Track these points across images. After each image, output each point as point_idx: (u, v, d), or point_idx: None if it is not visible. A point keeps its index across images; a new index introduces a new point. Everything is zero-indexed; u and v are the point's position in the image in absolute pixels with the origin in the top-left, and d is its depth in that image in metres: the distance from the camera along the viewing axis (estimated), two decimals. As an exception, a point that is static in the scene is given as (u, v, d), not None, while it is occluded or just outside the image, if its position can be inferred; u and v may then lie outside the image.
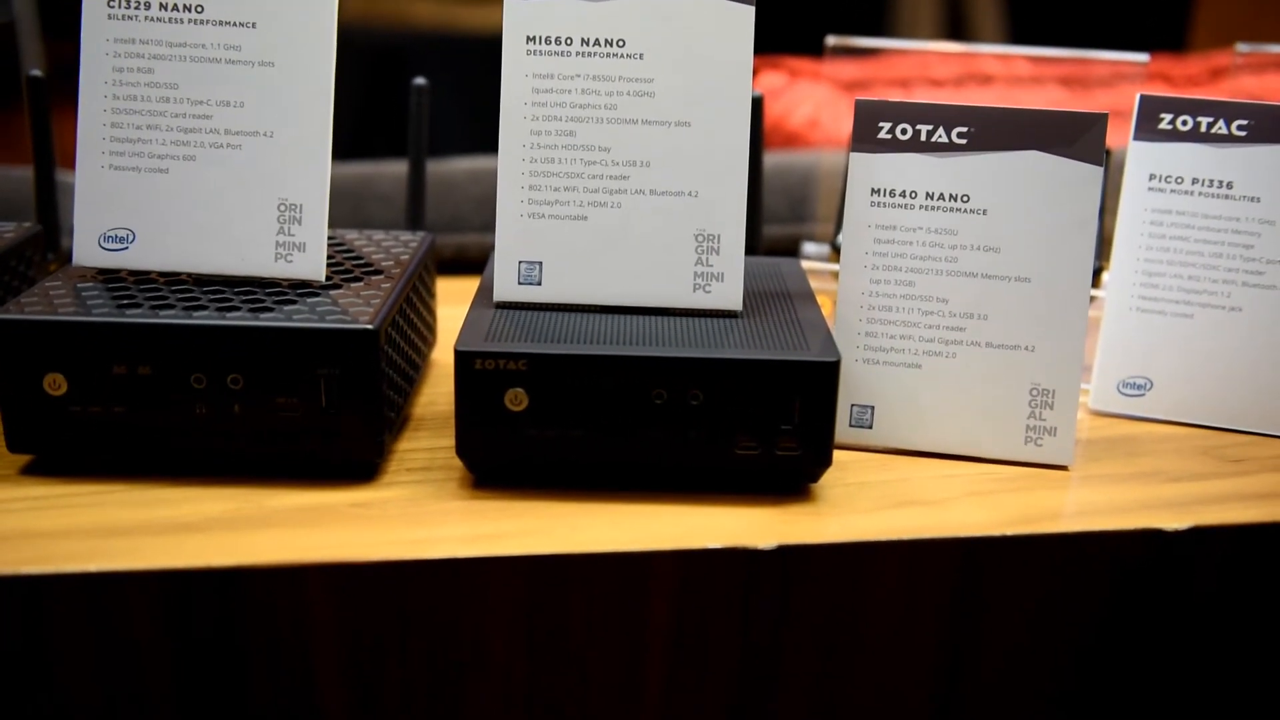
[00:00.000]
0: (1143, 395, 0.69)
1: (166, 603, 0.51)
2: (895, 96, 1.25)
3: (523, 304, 0.62)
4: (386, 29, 2.50)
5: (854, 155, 0.62)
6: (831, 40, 0.96)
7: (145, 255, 0.61)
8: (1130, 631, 0.58)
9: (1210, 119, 0.67)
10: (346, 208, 1.04)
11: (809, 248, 0.92)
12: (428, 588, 0.52)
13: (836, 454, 0.59)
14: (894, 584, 0.55)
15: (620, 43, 0.61)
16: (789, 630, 0.55)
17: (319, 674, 0.53)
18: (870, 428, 0.64)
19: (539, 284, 0.62)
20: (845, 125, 0.62)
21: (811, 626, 0.56)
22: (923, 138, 0.62)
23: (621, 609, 0.54)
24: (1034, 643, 0.58)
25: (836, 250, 0.85)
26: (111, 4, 0.60)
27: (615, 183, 0.62)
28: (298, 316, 0.57)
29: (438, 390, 0.71)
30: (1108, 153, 0.65)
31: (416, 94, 0.77)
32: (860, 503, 0.58)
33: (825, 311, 0.64)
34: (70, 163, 0.63)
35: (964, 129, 0.61)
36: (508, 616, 0.53)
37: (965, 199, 0.62)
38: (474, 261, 0.97)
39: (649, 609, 0.54)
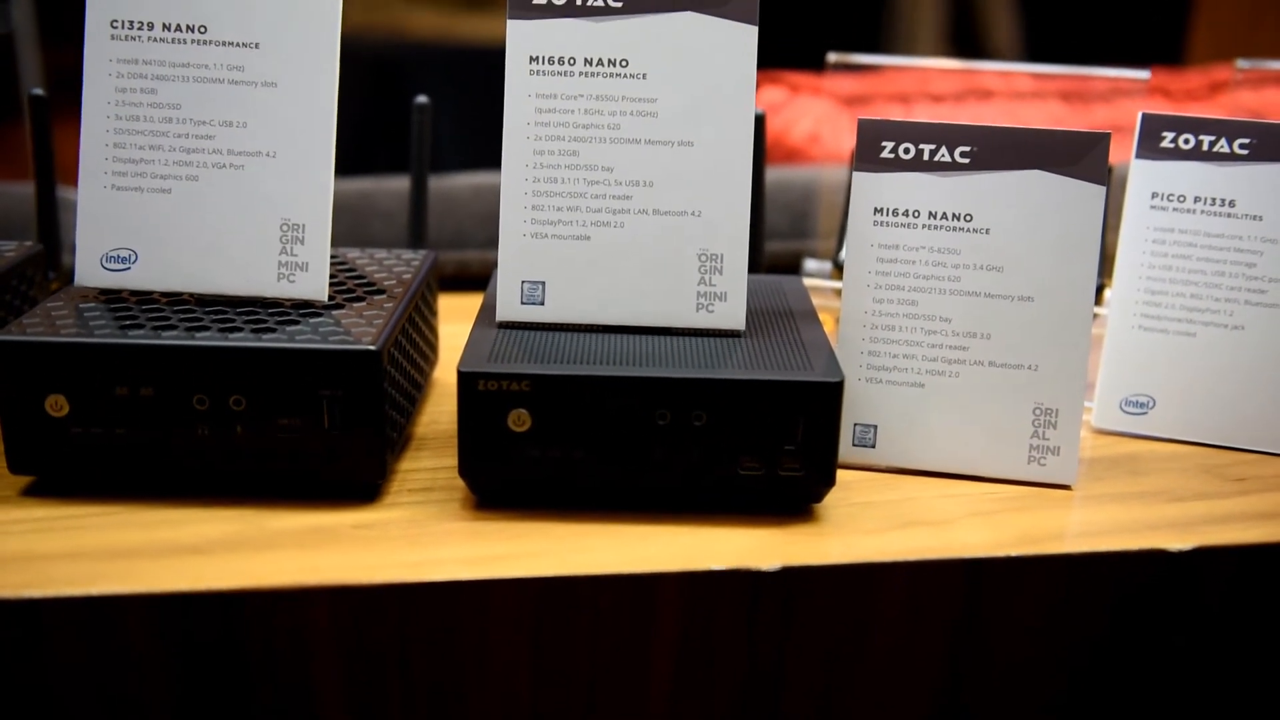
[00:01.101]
0: (1145, 414, 0.69)
1: (168, 625, 0.51)
2: (895, 112, 1.25)
3: (526, 324, 0.62)
4: (385, 40, 2.50)
5: (857, 174, 0.62)
6: (832, 57, 0.97)
7: (147, 275, 0.61)
8: (1134, 652, 0.58)
9: (1212, 137, 0.67)
10: (348, 224, 1.04)
11: (811, 264, 0.92)
12: (430, 610, 0.52)
13: (840, 474, 0.59)
14: (898, 604, 0.55)
15: (623, 63, 0.61)
16: (793, 651, 0.55)
17: (321, 696, 0.53)
18: (873, 447, 0.64)
19: (542, 304, 0.62)
20: (846, 140, 0.62)
21: (815, 647, 0.55)
22: (925, 157, 0.62)
23: (625, 630, 0.54)
24: (1038, 663, 0.58)
25: (838, 267, 0.85)
26: (115, 24, 0.60)
27: (618, 202, 0.62)
28: (300, 337, 0.56)
29: (440, 409, 0.71)
30: (1109, 169, 0.65)
31: (418, 112, 0.77)
32: (864, 523, 0.58)
33: (828, 329, 0.64)
34: (71, 178, 0.63)
35: (967, 148, 0.61)
36: (511, 638, 0.53)
37: (968, 218, 0.62)
38: (476, 278, 0.97)
39: (653, 630, 0.54)
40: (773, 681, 0.56)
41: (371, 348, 0.56)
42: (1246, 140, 0.67)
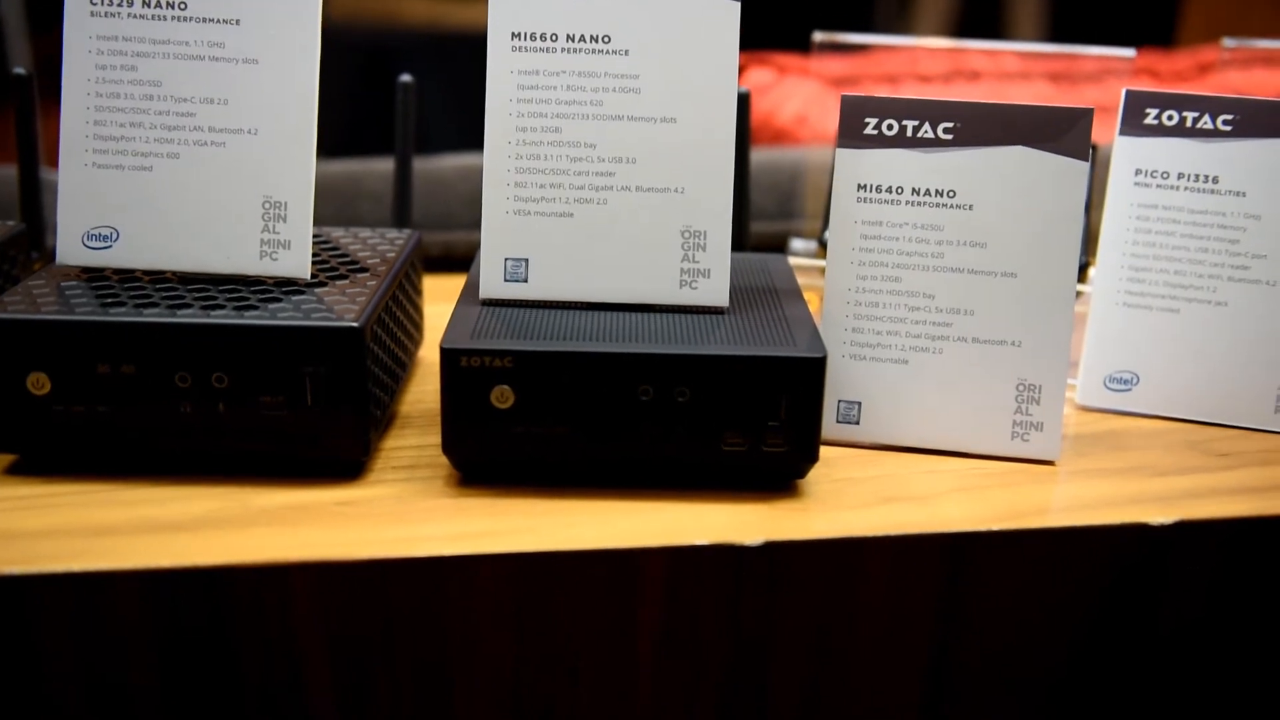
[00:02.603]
0: (1129, 390, 0.69)
1: (152, 602, 0.51)
2: (883, 92, 1.25)
3: (509, 301, 0.62)
4: (376, 26, 2.49)
5: (840, 151, 0.62)
6: (819, 36, 0.96)
7: (129, 254, 0.61)
8: (1117, 625, 0.58)
9: (1196, 114, 0.67)
10: (336, 205, 1.04)
11: (797, 244, 0.92)
12: (414, 586, 0.52)
13: (824, 450, 0.59)
14: (882, 579, 0.55)
15: (606, 39, 0.61)
16: (777, 626, 0.55)
17: (306, 673, 0.53)
18: (857, 423, 0.64)
19: (525, 281, 0.62)
20: (833, 121, 0.62)
21: (800, 621, 0.56)
22: (909, 133, 0.62)
23: (610, 606, 0.54)
24: (1021, 637, 0.58)
25: (824, 246, 0.85)
26: (94, 1, 0.60)
27: (601, 179, 0.62)
28: (283, 314, 0.56)
29: (424, 388, 0.71)
30: (1094, 148, 0.65)
31: (402, 91, 0.76)
32: (847, 499, 0.58)
33: (813, 308, 0.64)
34: (56, 160, 0.62)
35: (950, 124, 0.61)
36: (495, 614, 0.53)
37: (951, 194, 0.62)
38: (462, 259, 0.97)
39: (637, 606, 0.54)
40: (757, 655, 0.56)
41: (354, 324, 0.56)
42: (1230, 117, 0.67)
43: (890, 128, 0.62)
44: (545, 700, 0.55)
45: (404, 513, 0.56)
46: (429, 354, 0.75)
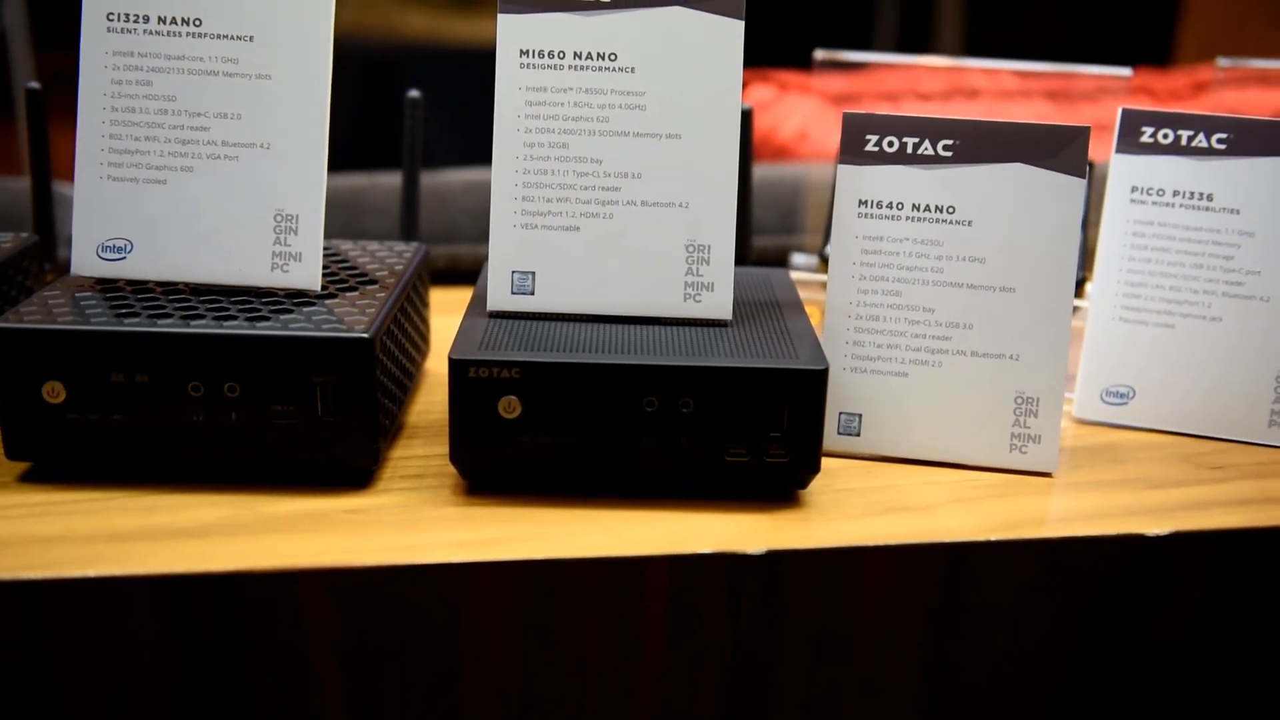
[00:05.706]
0: (1125, 404, 0.70)
1: (165, 607, 0.52)
2: (883, 110, 1.26)
3: (516, 313, 0.63)
4: (378, 40, 2.51)
5: (842, 167, 0.64)
6: (820, 54, 0.98)
7: (143, 265, 0.62)
8: (1113, 634, 0.59)
9: (1191, 132, 0.68)
10: (341, 219, 1.05)
11: (798, 258, 0.93)
12: (423, 592, 0.53)
13: (825, 461, 0.60)
14: (881, 588, 0.56)
15: (612, 56, 0.62)
16: (779, 633, 0.56)
17: (317, 678, 0.54)
18: (858, 435, 0.65)
19: (532, 294, 0.63)
20: (834, 138, 0.63)
21: (801, 630, 0.56)
22: (909, 150, 0.63)
23: (614, 614, 0.55)
24: (1018, 646, 0.59)
25: (825, 261, 0.86)
26: (111, 17, 0.61)
27: (607, 194, 0.63)
28: (294, 325, 0.57)
29: (431, 399, 0.72)
30: (1091, 165, 0.66)
31: (410, 106, 0.78)
32: (848, 509, 0.59)
33: (814, 321, 0.65)
34: (63, 174, 0.63)
35: (949, 142, 0.62)
36: (502, 621, 0.54)
37: (951, 210, 0.63)
38: (467, 273, 0.98)
39: (641, 613, 0.55)
40: (760, 663, 0.57)
41: (364, 335, 0.57)
42: (1224, 135, 0.68)
43: (891, 145, 0.63)
44: (551, 705, 0.56)
45: (412, 520, 0.56)
46: (435, 365, 0.76)
